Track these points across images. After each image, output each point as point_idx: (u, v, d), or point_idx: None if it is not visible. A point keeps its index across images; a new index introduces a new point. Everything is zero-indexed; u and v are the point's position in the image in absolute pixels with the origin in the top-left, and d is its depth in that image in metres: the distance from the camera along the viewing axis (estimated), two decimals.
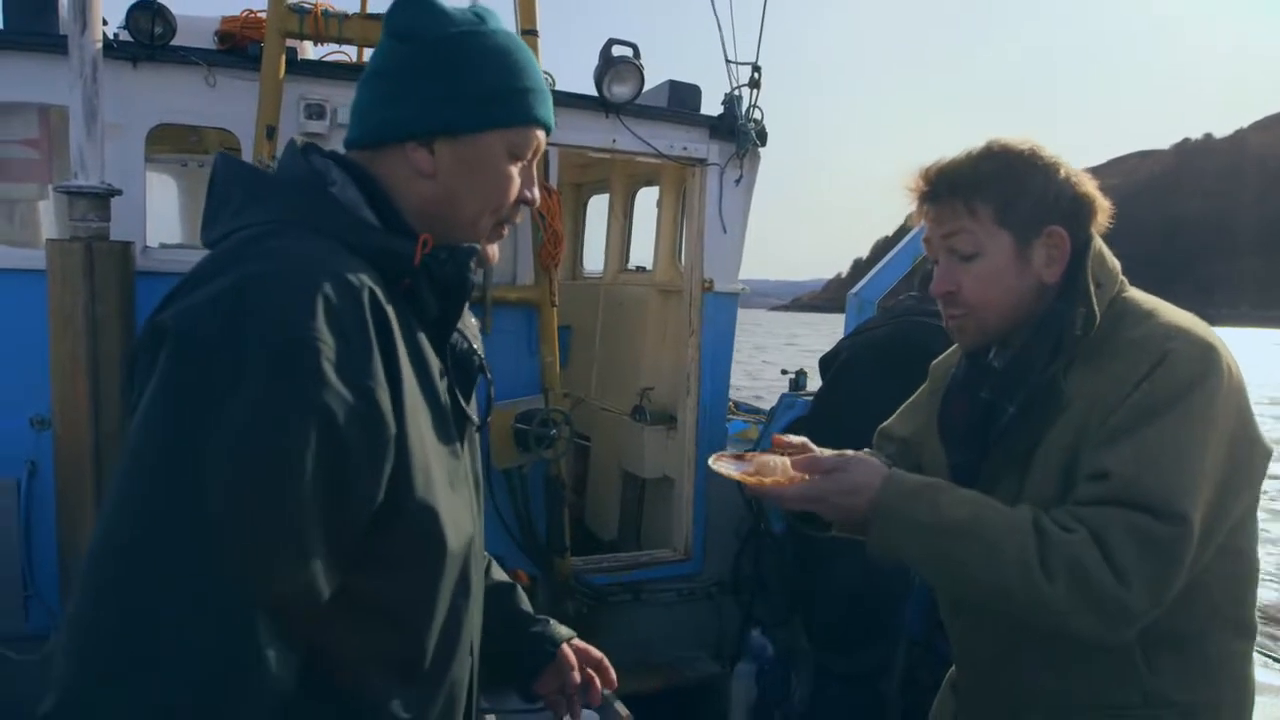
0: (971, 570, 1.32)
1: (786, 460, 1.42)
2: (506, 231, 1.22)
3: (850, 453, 1.41)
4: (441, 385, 1.10)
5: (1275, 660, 3.39)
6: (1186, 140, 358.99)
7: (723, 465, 1.42)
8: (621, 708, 3.03)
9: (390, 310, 1.00)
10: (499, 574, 1.47)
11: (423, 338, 1.08)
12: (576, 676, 1.42)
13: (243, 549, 0.83)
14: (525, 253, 3.87)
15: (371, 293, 0.97)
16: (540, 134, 1.18)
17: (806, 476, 1.38)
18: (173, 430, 0.84)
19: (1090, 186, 1.47)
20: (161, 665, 0.80)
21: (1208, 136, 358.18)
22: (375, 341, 0.95)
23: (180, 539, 0.82)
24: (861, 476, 1.37)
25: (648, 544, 4.78)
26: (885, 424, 1.84)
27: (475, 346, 1.22)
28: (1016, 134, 1.51)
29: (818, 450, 1.50)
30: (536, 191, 1.21)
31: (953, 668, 1.75)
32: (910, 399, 1.84)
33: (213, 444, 0.83)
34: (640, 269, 5.66)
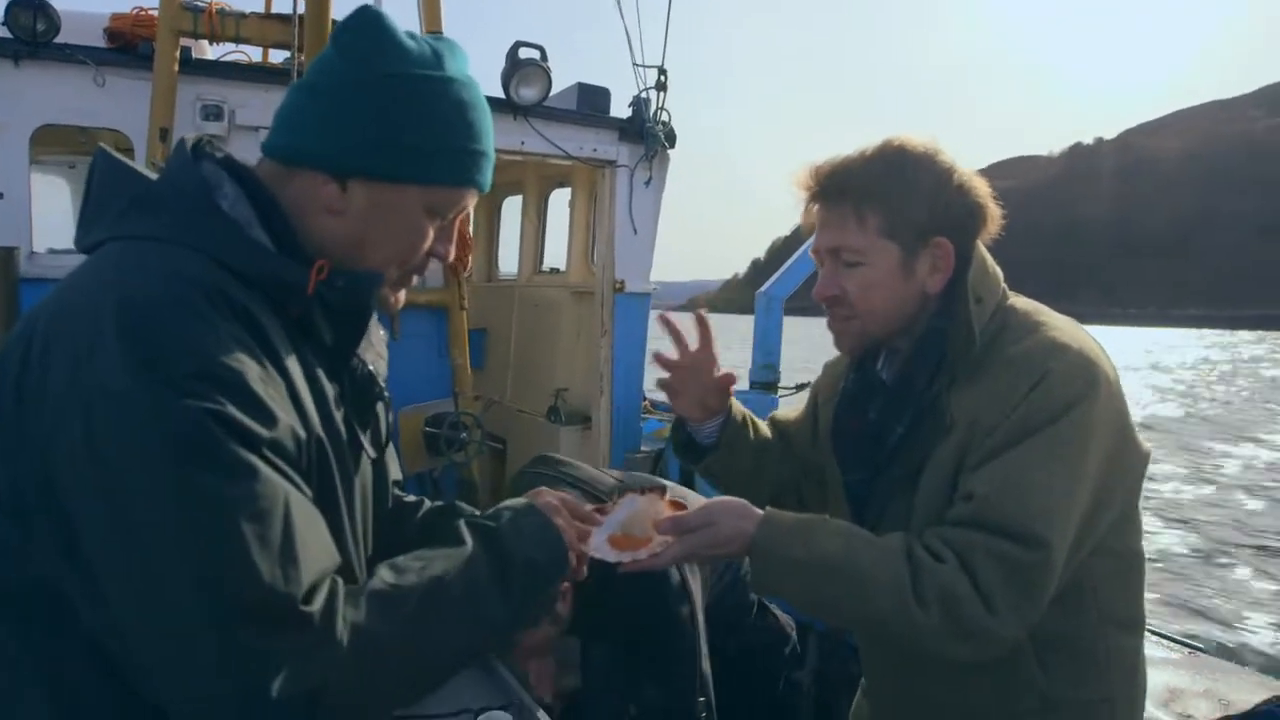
0: (848, 603, 1.31)
1: (652, 501, 1.38)
2: (415, 281, 1.15)
3: (717, 501, 1.37)
4: (338, 415, 1.04)
5: (1160, 636, 3.59)
6: (1079, 144, 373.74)
7: (595, 551, 1.30)
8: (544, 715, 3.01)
9: (280, 345, 0.95)
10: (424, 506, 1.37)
11: (318, 368, 1.02)
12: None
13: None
14: None
15: (259, 331, 0.93)
16: (471, 196, 1.10)
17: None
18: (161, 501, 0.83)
19: (983, 195, 1.44)
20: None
21: (1099, 140, 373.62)
22: (282, 381, 0.93)
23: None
24: (730, 527, 1.33)
25: None
26: (776, 412, 1.84)
27: (376, 371, 1.14)
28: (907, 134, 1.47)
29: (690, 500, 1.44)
30: (452, 249, 1.14)
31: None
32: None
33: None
34: (554, 270, 5.66)
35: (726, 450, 1.61)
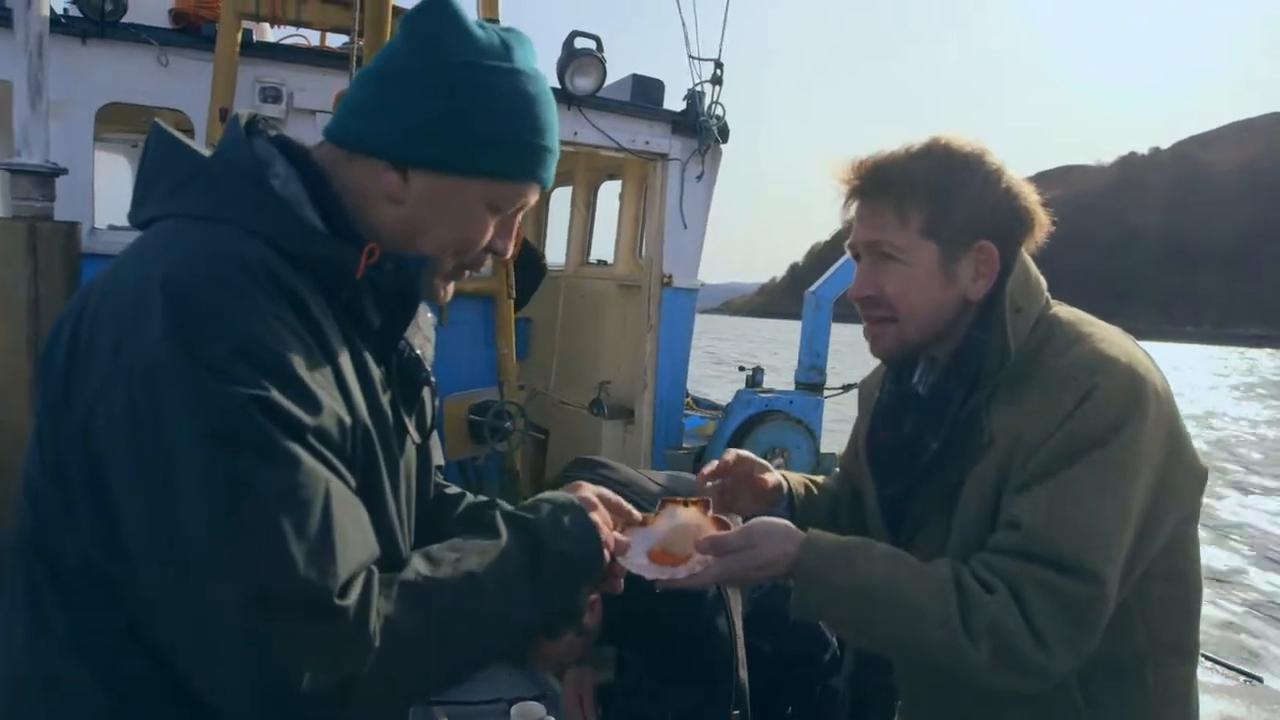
0: (893, 631, 1.28)
1: (695, 516, 1.36)
2: (468, 275, 1.13)
3: (758, 521, 1.34)
4: (385, 399, 1.03)
5: (1215, 662, 3.48)
6: (1133, 154, 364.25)
7: (633, 565, 1.28)
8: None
9: (328, 327, 0.94)
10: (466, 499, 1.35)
11: (364, 351, 1.01)
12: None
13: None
14: None
15: (306, 313, 0.91)
16: (534, 191, 1.08)
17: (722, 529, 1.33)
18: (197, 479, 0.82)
19: (1032, 200, 1.38)
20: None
21: (1155, 150, 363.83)
22: (328, 364, 0.92)
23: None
24: (772, 550, 1.30)
25: None
26: (841, 457, 1.81)
27: (423, 355, 1.12)
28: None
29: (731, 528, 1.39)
30: (511, 244, 1.11)
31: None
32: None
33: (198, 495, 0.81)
34: (601, 262, 5.66)
35: (801, 524, 1.56)
